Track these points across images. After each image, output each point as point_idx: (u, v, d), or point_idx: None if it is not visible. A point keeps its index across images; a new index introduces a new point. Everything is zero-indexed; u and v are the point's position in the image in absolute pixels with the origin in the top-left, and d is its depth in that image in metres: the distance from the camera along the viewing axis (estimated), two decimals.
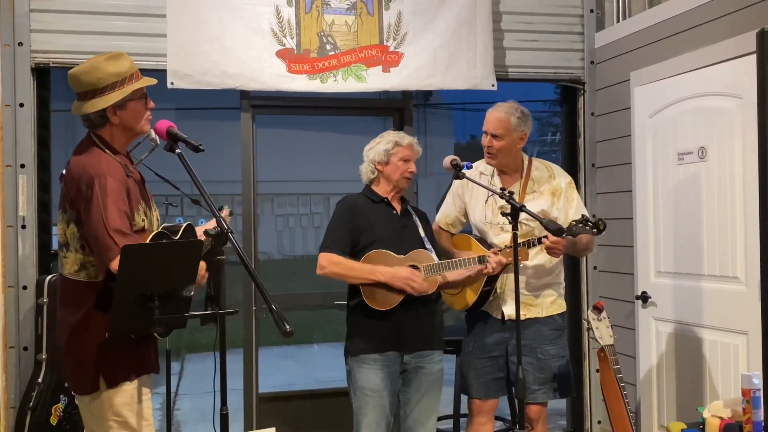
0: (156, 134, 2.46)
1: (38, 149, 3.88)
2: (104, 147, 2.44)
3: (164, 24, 3.87)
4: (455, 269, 3.11)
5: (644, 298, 3.97)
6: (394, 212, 3.18)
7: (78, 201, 2.34)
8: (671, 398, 3.81)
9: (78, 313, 2.37)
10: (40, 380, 3.64)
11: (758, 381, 2.44)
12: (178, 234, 2.46)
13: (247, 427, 4.11)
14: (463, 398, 3.53)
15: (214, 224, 2.26)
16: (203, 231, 2.38)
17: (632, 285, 4.10)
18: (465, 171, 3.12)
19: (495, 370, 3.25)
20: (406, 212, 3.23)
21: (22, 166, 3.79)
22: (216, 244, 2.24)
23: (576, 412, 4.63)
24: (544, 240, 3.04)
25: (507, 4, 4.43)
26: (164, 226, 2.50)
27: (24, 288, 3.76)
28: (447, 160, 3.12)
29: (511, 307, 3.03)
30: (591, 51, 4.53)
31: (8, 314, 3.72)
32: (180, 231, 2.47)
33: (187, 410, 6.09)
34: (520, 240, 2.95)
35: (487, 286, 3.21)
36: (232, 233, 2.22)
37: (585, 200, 4.39)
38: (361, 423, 3.04)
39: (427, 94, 18.06)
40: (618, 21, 4.47)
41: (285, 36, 4.03)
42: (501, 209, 3.06)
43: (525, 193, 3.25)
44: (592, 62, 4.53)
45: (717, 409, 2.68)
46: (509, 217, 2.85)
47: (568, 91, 4.69)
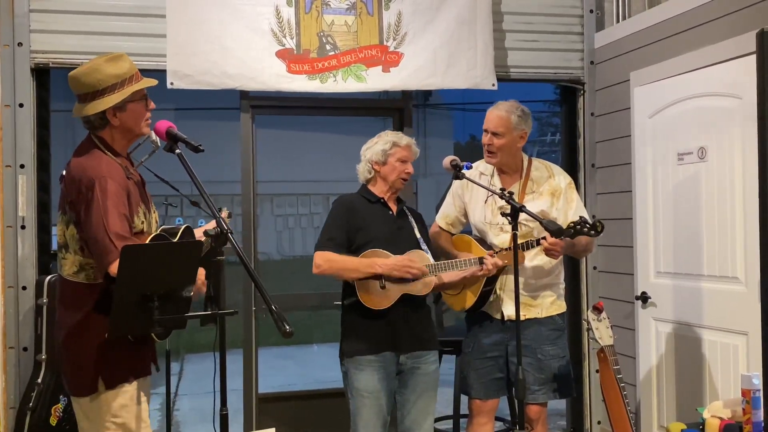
0: (156, 135, 2.45)
1: (38, 150, 3.88)
2: (105, 149, 2.43)
3: (164, 24, 3.87)
4: (451, 270, 3.11)
5: (644, 299, 3.97)
6: (390, 213, 3.18)
7: (78, 203, 2.33)
8: (671, 398, 3.81)
9: (77, 315, 2.36)
10: (40, 381, 3.64)
11: (758, 381, 2.44)
12: (177, 236, 2.46)
13: (247, 428, 4.11)
14: (463, 398, 3.53)
15: (214, 225, 2.26)
16: (203, 232, 2.37)
17: (632, 285, 4.10)
18: (465, 171, 3.12)
19: (495, 371, 3.25)
20: (402, 213, 3.23)
21: (22, 167, 3.79)
22: (216, 245, 2.24)
23: (576, 413, 4.63)
24: (543, 241, 3.04)
25: (507, 5, 4.43)
26: (163, 228, 2.50)
27: (23, 288, 3.76)
28: (447, 161, 3.12)
29: (511, 308, 3.03)
30: (591, 51, 4.53)
31: (8, 315, 3.72)
32: (179, 233, 2.47)
33: (187, 411, 6.08)
34: (520, 240, 2.95)
35: (487, 287, 3.21)
36: (232, 234, 2.22)
37: (585, 201, 4.39)
38: (359, 424, 3.04)
39: (427, 95, 18.07)
40: (618, 21, 4.47)
41: (285, 36, 4.03)
42: (501, 209, 3.06)
43: (524, 194, 3.24)
44: (592, 62, 4.53)
45: (717, 410, 2.68)
46: (509, 218, 2.85)
47: (568, 92, 4.69)
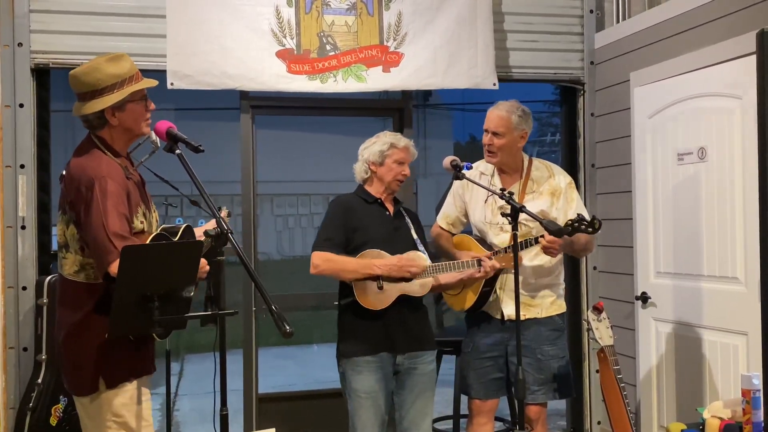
0: (156, 135, 2.45)
1: (38, 150, 3.88)
2: (104, 148, 2.43)
3: (164, 24, 3.87)
4: (448, 272, 3.11)
5: (644, 299, 3.97)
6: (387, 213, 3.18)
7: (78, 203, 2.33)
8: (671, 399, 3.81)
9: (77, 315, 2.37)
10: (40, 381, 3.64)
11: (758, 381, 2.44)
12: (177, 235, 2.46)
13: (247, 428, 4.11)
14: (463, 398, 3.53)
15: (214, 225, 2.26)
16: (203, 232, 2.37)
17: (632, 285, 4.10)
18: (465, 171, 3.12)
19: (495, 371, 3.25)
20: (399, 213, 3.22)
21: (22, 167, 3.79)
22: (216, 245, 2.24)
23: (576, 413, 4.63)
24: (541, 239, 3.04)
25: (507, 5, 4.43)
26: (163, 228, 2.50)
27: (24, 289, 3.76)
28: (447, 161, 3.12)
29: (511, 308, 3.03)
30: (591, 51, 4.53)
31: (8, 315, 3.72)
32: (179, 232, 2.47)
33: (187, 411, 6.08)
34: (519, 240, 2.95)
35: (487, 287, 3.21)
36: (232, 234, 2.22)
37: (585, 201, 4.38)
38: (357, 425, 3.04)
39: (427, 95, 18.07)
40: (618, 21, 4.47)
41: (285, 36, 4.03)
42: (501, 209, 3.06)
43: (524, 193, 3.24)
44: (592, 63, 4.53)
45: (717, 410, 2.68)
46: (509, 218, 2.85)
47: (568, 92, 4.69)
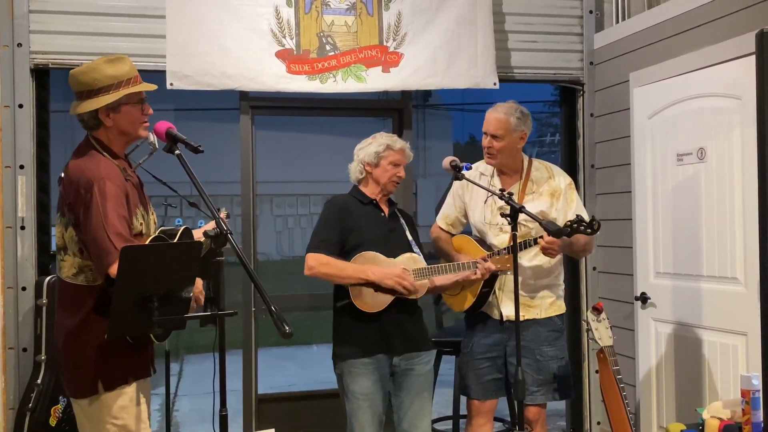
0: (155, 135, 2.45)
1: (37, 150, 3.88)
2: (102, 150, 2.43)
3: (163, 25, 3.86)
4: (444, 274, 3.11)
5: (643, 299, 3.97)
6: (382, 214, 3.17)
7: (77, 205, 2.33)
8: (670, 399, 3.81)
9: (76, 317, 2.36)
10: (39, 381, 3.64)
11: (757, 382, 2.45)
12: (175, 238, 2.46)
13: (247, 428, 4.11)
14: (463, 399, 3.53)
15: (213, 225, 2.26)
16: (203, 232, 2.37)
17: (631, 286, 4.10)
18: (464, 172, 3.12)
19: (493, 371, 3.25)
20: (394, 215, 3.22)
21: (22, 167, 3.78)
22: (215, 246, 2.24)
23: (575, 413, 4.63)
24: (540, 240, 3.03)
25: (506, 6, 4.43)
26: (162, 230, 2.50)
27: (23, 289, 3.76)
28: (446, 161, 3.12)
29: (510, 308, 3.03)
30: (590, 52, 4.53)
31: (7, 315, 3.71)
32: (177, 235, 2.47)
33: (186, 411, 6.07)
34: (519, 241, 2.94)
35: (486, 287, 3.21)
36: (232, 234, 2.22)
37: (584, 201, 4.38)
38: (355, 426, 3.04)
39: (426, 95, 18.09)
40: (617, 22, 4.47)
41: (284, 36, 4.03)
42: (500, 210, 3.06)
43: (524, 194, 3.24)
44: (592, 63, 4.53)
45: (716, 410, 2.68)
46: (508, 218, 2.85)
47: (568, 92, 4.69)
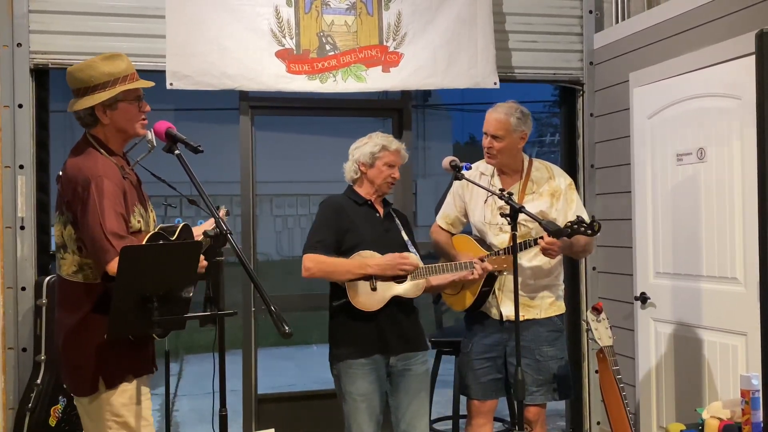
0: (155, 135, 2.45)
1: (37, 150, 3.88)
2: (100, 147, 2.43)
3: (163, 25, 3.86)
4: (440, 274, 3.11)
5: (643, 299, 3.97)
6: (378, 215, 3.17)
7: (74, 203, 2.33)
8: (670, 399, 3.80)
9: (76, 315, 2.37)
10: (39, 381, 3.63)
11: (757, 382, 2.45)
12: (175, 234, 2.46)
13: (246, 429, 4.10)
14: (463, 399, 3.53)
15: (213, 224, 2.26)
16: (202, 232, 2.37)
17: (631, 286, 4.10)
18: (464, 172, 3.12)
19: (493, 371, 3.25)
20: (389, 215, 3.22)
21: (21, 167, 3.78)
22: (215, 245, 2.24)
23: (575, 413, 4.63)
24: (540, 241, 3.03)
25: (506, 5, 4.43)
26: (161, 227, 2.49)
27: (23, 289, 3.75)
28: (446, 161, 3.12)
29: (510, 308, 3.03)
30: (590, 52, 4.53)
31: (7, 315, 3.71)
32: (177, 231, 2.47)
33: (186, 411, 6.07)
34: (518, 241, 2.94)
35: (486, 287, 3.21)
36: (231, 234, 2.22)
37: (584, 201, 4.38)
38: (352, 427, 3.04)
39: (426, 95, 18.08)
40: (617, 22, 4.47)
41: (284, 36, 4.02)
42: (500, 210, 3.06)
43: (524, 194, 3.24)
44: (591, 63, 4.53)
45: (716, 410, 2.68)
46: (508, 218, 2.85)
47: (567, 92, 4.69)
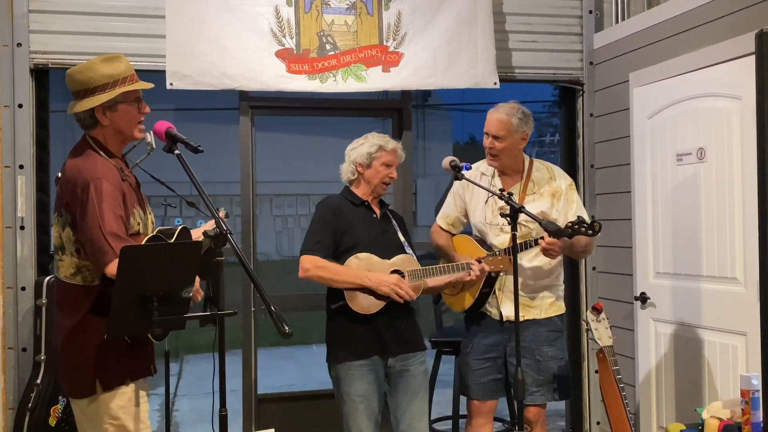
0: (155, 135, 2.45)
1: (37, 150, 3.88)
2: (99, 149, 2.43)
3: (163, 25, 3.86)
4: (438, 275, 3.11)
5: (643, 299, 3.97)
6: (374, 216, 3.16)
7: (73, 205, 2.33)
8: (670, 399, 3.81)
9: (74, 317, 2.36)
10: (39, 381, 3.64)
11: (757, 382, 2.45)
12: (173, 237, 2.45)
13: (246, 429, 4.10)
14: (463, 399, 3.53)
15: (213, 225, 2.26)
16: (202, 232, 2.37)
17: (631, 286, 4.10)
18: (464, 172, 3.11)
19: (493, 372, 3.25)
20: (386, 216, 3.22)
21: (21, 167, 3.78)
22: (215, 245, 2.24)
23: (575, 413, 4.63)
24: (540, 241, 3.03)
25: (506, 5, 4.43)
26: (159, 230, 2.49)
27: (23, 289, 3.76)
28: (446, 161, 3.12)
29: (510, 309, 3.03)
30: (590, 52, 4.53)
31: (7, 315, 3.71)
32: (175, 234, 2.46)
33: (186, 411, 6.08)
34: (519, 241, 2.94)
35: (486, 288, 3.21)
36: (231, 234, 2.22)
37: (584, 201, 4.38)
38: (351, 428, 3.03)
39: (426, 95, 18.09)
40: (617, 22, 4.47)
41: (284, 36, 4.02)
42: (500, 210, 3.06)
43: (525, 194, 3.24)
44: (591, 63, 4.53)
45: (716, 410, 2.68)
46: (508, 219, 2.85)
47: (567, 92, 4.69)
